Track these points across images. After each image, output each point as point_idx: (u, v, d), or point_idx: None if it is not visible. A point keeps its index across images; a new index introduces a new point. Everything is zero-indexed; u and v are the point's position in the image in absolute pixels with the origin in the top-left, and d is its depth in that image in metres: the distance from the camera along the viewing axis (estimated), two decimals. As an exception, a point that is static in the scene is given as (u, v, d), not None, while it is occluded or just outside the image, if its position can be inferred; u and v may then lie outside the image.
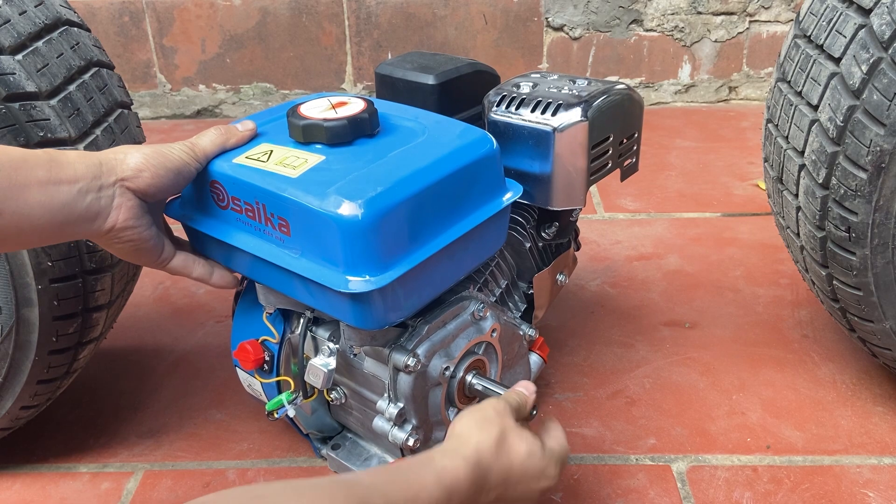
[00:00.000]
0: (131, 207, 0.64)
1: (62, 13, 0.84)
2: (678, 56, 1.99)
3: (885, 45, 0.70)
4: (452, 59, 0.87)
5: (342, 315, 0.66)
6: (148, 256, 0.68)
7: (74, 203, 0.61)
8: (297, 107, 0.71)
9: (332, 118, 0.68)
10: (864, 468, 0.85)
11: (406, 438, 0.72)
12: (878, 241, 0.76)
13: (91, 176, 0.62)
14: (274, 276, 0.68)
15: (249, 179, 0.66)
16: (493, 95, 0.82)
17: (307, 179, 0.64)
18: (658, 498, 0.82)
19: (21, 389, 0.81)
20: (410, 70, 0.84)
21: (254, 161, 0.68)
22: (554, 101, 0.79)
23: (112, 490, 0.87)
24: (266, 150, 0.69)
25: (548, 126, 0.78)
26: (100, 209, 0.62)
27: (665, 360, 1.04)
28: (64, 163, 0.61)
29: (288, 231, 0.65)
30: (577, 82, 0.83)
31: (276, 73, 2.04)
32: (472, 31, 1.98)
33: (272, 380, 0.79)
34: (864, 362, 1.02)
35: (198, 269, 0.72)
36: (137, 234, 0.65)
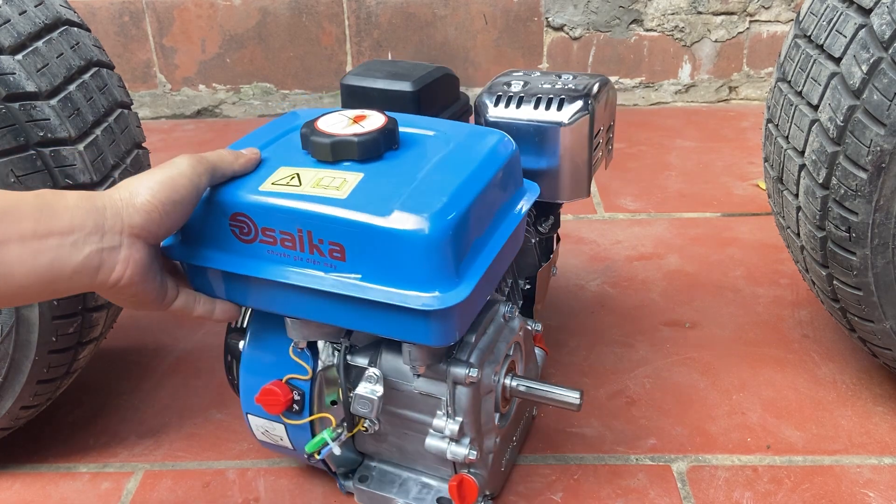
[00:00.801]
0: (140, 260, 0.57)
1: (62, 13, 0.84)
2: (678, 56, 1.99)
3: (886, 44, 0.70)
4: (416, 65, 0.86)
5: (414, 335, 0.62)
6: (152, 305, 0.62)
7: (67, 258, 0.53)
8: (312, 124, 0.67)
9: (361, 133, 0.65)
10: (865, 468, 0.85)
11: (467, 453, 0.70)
12: (878, 241, 0.76)
13: (91, 225, 0.54)
14: (318, 306, 0.64)
15: (290, 206, 0.61)
16: (486, 97, 0.82)
17: (360, 198, 0.60)
18: (658, 498, 0.82)
19: (21, 389, 0.81)
20: (383, 79, 0.82)
21: (285, 187, 0.62)
22: (555, 96, 0.79)
23: (112, 490, 0.87)
24: (290, 174, 0.64)
25: (555, 121, 0.79)
26: (101, 263, 0.55)
27: (665, 360, 1.04)
28: (58, 210, 0.53)
29: (342, 256, 0.61)
30: (562, 77, 0.84)
31: (276, 73, 2.04)
32: (472, 31, 1.98)
33: (305, 420, 0.74)
34: (864, 362, 1.02)
35: (199, 307, 0.66)
36: (144, 287, 0.59)
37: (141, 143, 0.95)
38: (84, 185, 0.76)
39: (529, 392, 0.74)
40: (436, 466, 0.77)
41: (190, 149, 1.86)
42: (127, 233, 0.56)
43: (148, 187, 0.57)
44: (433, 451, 0.71)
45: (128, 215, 0.56)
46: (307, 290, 0.62)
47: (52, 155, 0.74)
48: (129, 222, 0.56)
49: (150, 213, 0.56)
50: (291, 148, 0.69)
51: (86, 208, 0.54)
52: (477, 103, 0.83)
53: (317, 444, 0.71)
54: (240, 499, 0.84)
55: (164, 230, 0.58)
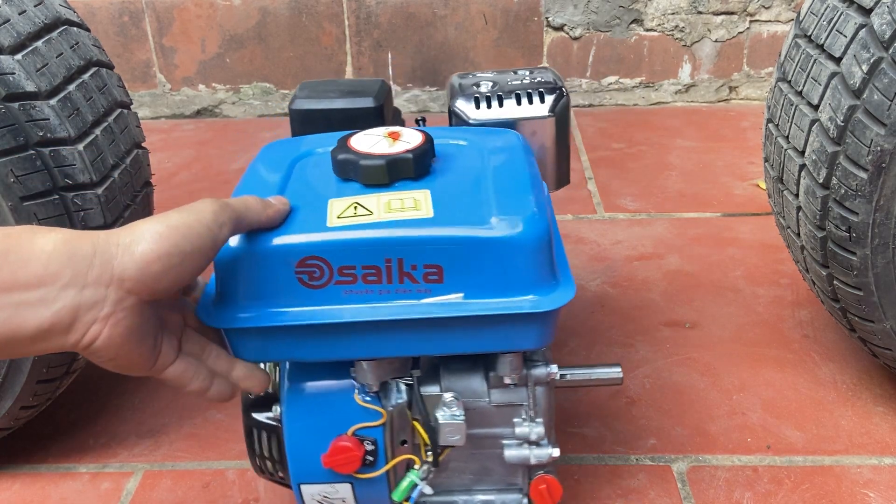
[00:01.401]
0: (125, 320, 0.47)
1: (62, 13, 0.84)
2: (678, 56, 1.99)
3: (886, 44, 0.70)
4: (357, 81, 0.85)
5: (520, 342, 0.61)
6: (136, 371, 0.52)
7: (29, 317, 0.44)
8: (346, 148, 0.63)
9: (412, 148, 0.62)
10: (865, 468, 0.85)
11: (551, 452, 0.68)
12: (878, 241, 0.76)
13: (69, 276, 0.45)
14: (409, 337, 0.60)
15: (375, 237, 0.56)
16: (462, 101, 0.80)
17: (449, 214, 0.58)
18: (658, 498, 0.82)
19: (21, 389, 0.81)
20: (339, 98, 0.81)
21: (356, 218, 0.58)
22: (533, 90, 0.80)
23: (112, 490, 0.87)
24: (349, 205, 0.59)
25: (540, 115, 0.80)
26: (74, 320, 0.45)
27: (665, 361, 1.04)
28: (30, 257, 0.44)
29: (440, 277, 0.57)
30: (518, 73, 0.85)
31: (276, 73, 2.04)
32: (472, 31, 1.98)
33: (383, 469, 0.67)
34: (864, 362, 1.02)
35: (196, 382, 0.56)
36: (127, 350, 0.49)
37: (140, 143, 0.95)
38: (84, 184, 0.76)
39: (574, 378, 0.72)
40: (504, 480, 0.73)
41: (189, 148, 1.86)
42: (116, 286, 0.46)
43: (155, 232, 0.47)
44: (515, 460, 0.68)
45: (120, 265, 0.46)
46: (397, 324, 0.58)
47: (51, 155, 0.74)
48: (119, 273, 0.46)
49: (149, 265, 0.47)
50: (316, 180, 0.64)
51: (66, 254, 0.45)
52: (453, 109, 0.81)
53: (406, 490, 0.67)
54: (239, 499, 0.84)
55: (164, 285, 0.48)
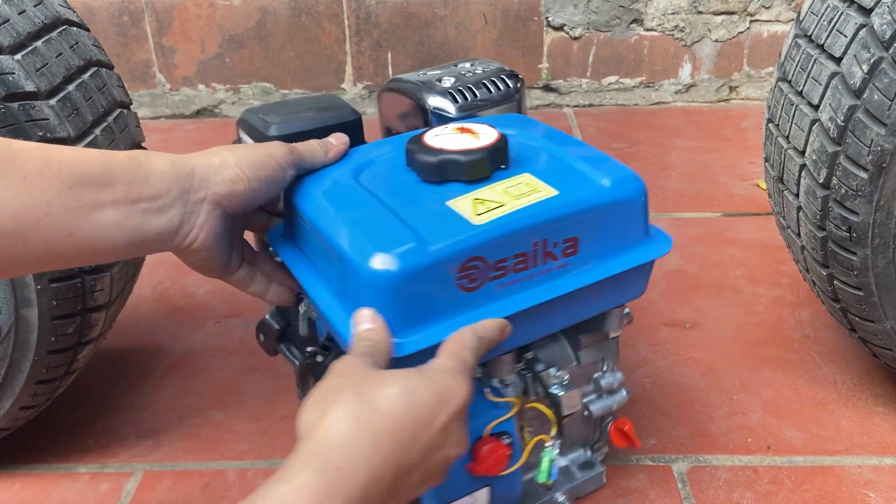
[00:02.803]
0: (214, 227, 0.59)
1: (61, 13, 0.84)
2: (678, 56, 1.99)
3: (886, 44, 0.70)
4: (311, 98, 0.81)
5: (632, 292, 0.67)
6: (216, 273, 0.64)
7: (153, 221, 0.56)
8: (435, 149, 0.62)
9: (497, 139, 0.63)
10: (865, 468, 0.85)
11: (626, 394, 0.76)
12: (879, 241, 0.76)
13: (179, 191, 0.56)
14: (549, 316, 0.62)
15: (523, 224, 0.58)
16: (439, 100, 0.78)
17: (566, 189, 0.61)
18: (658, 498, 0.82)
19: (20, 390, 0.80)
20: (318, 114, 0.76)
21: (494, 212, 0.59)
22: (495, 77, 0.82)
23: (111, 490, 0.87)
24: (474, 200, 0.60)
25: (510, 98, 0.83)
26: (181, 225, 0.57)
27: (665, 361, 1.03)
28: (150, 174, 0.56)
29: (576, 249, 0.61)
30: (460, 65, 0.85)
31: (276, 73, 2.04)
32: (472, 31, 1.98)
33: (523, 459, 0.67)
34: (864, 362, 1.01)
35: (254, 285, 0.67)
36: (211, 254, 0.61)
37: (140, 142, 0.95)
38: (83, 185, 0.76)
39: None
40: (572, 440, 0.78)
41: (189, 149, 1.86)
42: (210, 199, 0.58)
43: (238, 160, 0.59)
44: (601, 412, 0.74)
45: (214, 183, 0.58)
46: (550, 304, 0.60)
47: (51, 155, 0.74)
48: (213, 189, 0.58)
49: (235, 184, 0.58)
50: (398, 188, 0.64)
51: (174, 173, 0.56)
52: (430, 107, 0.79)
53: (548, 469, 0.68)
54: (239, 499, 0.84)
55: (244, 203, 0.60)
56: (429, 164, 0.62)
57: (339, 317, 0.58)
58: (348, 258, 0.57)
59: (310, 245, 0.64)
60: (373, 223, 0.59)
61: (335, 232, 0.59)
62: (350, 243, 0.57)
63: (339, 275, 0.59)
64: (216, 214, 0.59)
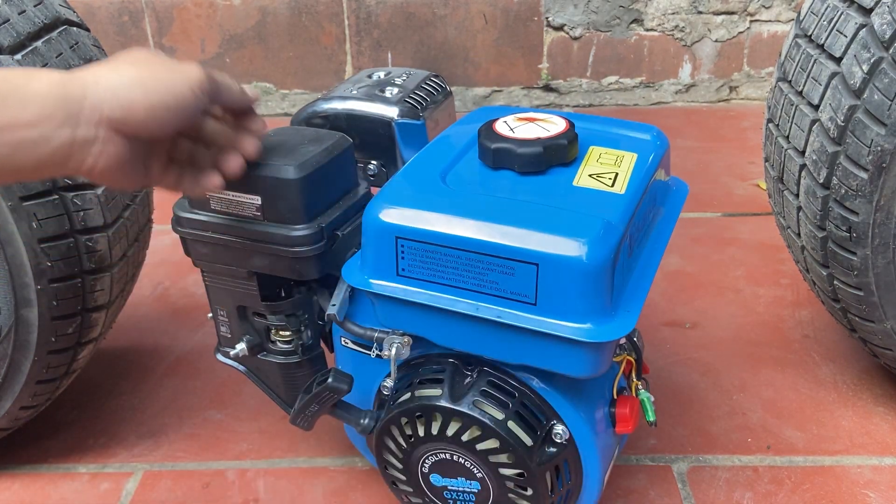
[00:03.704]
0: (115, 154, 0.52)
1: (61, 13, 0.84)
2: (678, 56, 1.99)
3: (886, 44, 0.70)
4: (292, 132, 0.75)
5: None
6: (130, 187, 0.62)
7: (31, 150, 0.49)
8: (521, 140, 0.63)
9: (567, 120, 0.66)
10: (865, 468, 0.85)
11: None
12: (878, 241, 0.76)
13: (62, 115, 0.49)
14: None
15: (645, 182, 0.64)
16: (401, 109, 0.76)
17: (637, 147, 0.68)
18: (658, 499, 0.82)
19: (20, 390, 0.80)
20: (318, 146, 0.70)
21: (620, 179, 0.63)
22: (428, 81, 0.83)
23: (111, 491, 0.87)
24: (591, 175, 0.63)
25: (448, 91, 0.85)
26: (70, 155, 0.50)
27: (666, 361, 1.03)
28: (25, 97, 0.48)
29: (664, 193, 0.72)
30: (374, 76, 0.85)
31: (276, 73, 2.04)
32: (472, 31, 1.98)
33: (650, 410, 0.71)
34: (864, 363, 1.01)
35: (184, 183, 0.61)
36: (119, 176, 0.54)
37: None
38: (83, 184, 0.76)
39: None
40: None
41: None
42: (105, 125, 0.51)
43: (142, 82, 0.52)
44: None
45: (109, 108, 0.50)
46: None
47: (51, 155, 0.74)
48: (108, 115, 0.50)
49: (134, 112, 0.51)
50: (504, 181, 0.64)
51: (57, 96, 0.49)
52: (394, 118, 0.77)
53: (651, 408, 0.69)
54: (239, 499, 0.84)
55: (148, 131, 0.53)
56: (531, 155, 0.62)
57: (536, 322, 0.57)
58: (549, 257, 0.55)
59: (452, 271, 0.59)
60: (539, 218, 0.57)
61: (509, 239, 0.56)
62: (540, 243, 0.56)
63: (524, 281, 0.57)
64: (115, 142, 0.52)
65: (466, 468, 0.65)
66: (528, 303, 0.57)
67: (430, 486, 0.68)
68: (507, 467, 0.63)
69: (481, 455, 0.63)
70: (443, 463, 0.66)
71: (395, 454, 0.68)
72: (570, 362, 0.59)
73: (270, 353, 0.76)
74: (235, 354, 0.75)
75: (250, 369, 0.79)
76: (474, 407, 0.62)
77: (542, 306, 0.57)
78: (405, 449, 0.67)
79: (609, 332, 0.56)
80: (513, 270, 0.57)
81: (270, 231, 0.66)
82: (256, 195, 0.65)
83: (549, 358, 0.59)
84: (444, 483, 0.67)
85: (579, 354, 0.58)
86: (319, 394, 0.66)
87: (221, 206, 0.67)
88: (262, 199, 0.65)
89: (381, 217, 0.60)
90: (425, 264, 0.60)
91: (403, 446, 0.67)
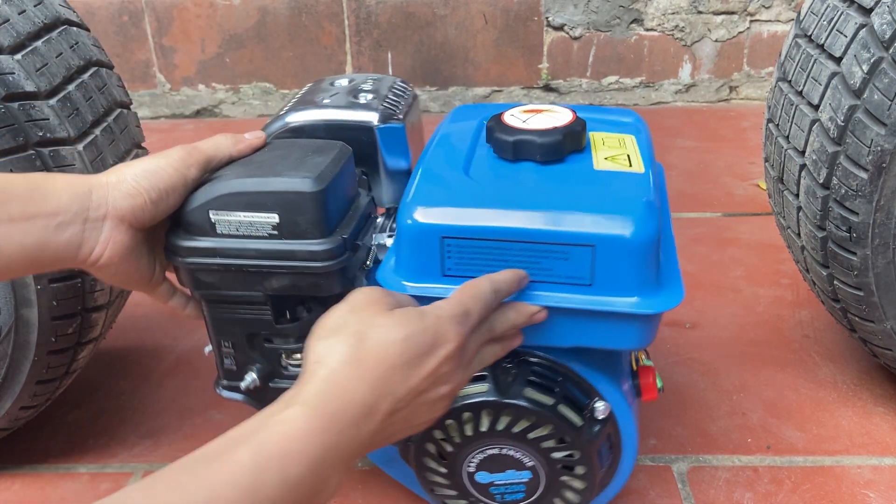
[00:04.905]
0: (121, 242, 0.59)
1: (61, 13, 0.84)
2: (678, 56, 1.99)
3: (886, 44, 0.70)
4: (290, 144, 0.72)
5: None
6: (136, 286, 0.65)
7: (52, 238, 0.56)
8: (539, 130, 0.64)
9: (571, 111, 0.68)
10: (865, 469, 0.85)
11: None
12: (879, 241, 0.76)
13: (77, 208, 0.57)
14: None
15: (651, 156, 0.67)
16: (381, 114, 0.74)
17: (630, 129, 0.71)
18: (658, 499, 0.82)
19: (20, 390, 0.80)
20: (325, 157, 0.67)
21: (634, 160, 0.65)
22: (394, 85, 0.81)
23: (111, 490, 0.86)
24: (606, 158, 0.65)
25: (414, 93, 0.83)
26: (82, 242, 0.58)
27: (665, 361, 1.03)
28: (47, 193, 0.57)
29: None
30: (337, 84, 0.81)
31: (276, 73, 2.04)
32: (472, 31, 1.98)
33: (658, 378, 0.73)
34: (864, 363, 1.01)
35: (175, 299, 0.69)
36: (124, 269, 0.61)
37: (140, 142, 0.95)
38: (83, 185, 0.76)
39: None
40: None
41: (190, 149, 1.86)
42: (111, 216, 0.58)
43: (134, 174, 0.59)
44: None
45: (113, 199, 0.58)
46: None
47: (51, 155, 0.74)
48: (113, 205, 0.58)
49: (134, 199, 0.58)
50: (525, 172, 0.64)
51: (72, 192, 0.57)
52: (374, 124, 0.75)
53: (657, 374, 0.71)
54: (239, 499, 0.84)
55: (149, 215, 0.60)
56: (552, 144, 0.63)
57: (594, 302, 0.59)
58: (605, 238, 0.57)
59: (502, 264, 0.60)
60: (586, 203, 0.59)
61: (563, 225, 0.58)
62: (595, 225, 0.57)
63: (579, 264, 0.58)
64: (121, 230, 0.59)
65: (516, 459, 0.65)
66: (584, 284, 0.59)
67: (475, 485, 0.68)
68: (559, 451, 0.64)
69: (533, 443, 0.64)
70: (490, 459, 0.66)
71: (438, 458, 0.67)
72: (625, 336, 0.61)
73: (283, 379, 0.72)
74: (247, 387, 0.71)
75: (259, 401, 0.73)
76: (524, 397, 0.63)
77: (598, 286, 0.58)
78: (450, 452, 0.66)
79: (664, 303, 0.59)
80: (567, 255, 0.58)
81: (291, 248, 0.62)
82: (273, 212, 0.62)
83: (605, 335, 0.61)
84: (492, 479, 0.67)
85: (634, 328, 0.60)
86: None
87: (230, 229, 0.63)
88: (279, 215, 0.62)
89: (422, 219, 0.59)
90: (474, 261, 0.60)
91: (449, 450, 0.66)
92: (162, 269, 0.67)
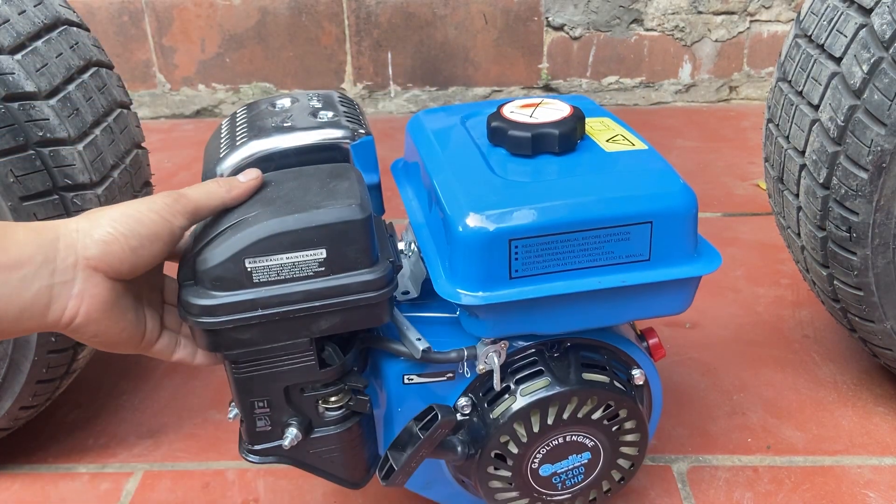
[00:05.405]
0: (97, 296, 0.51)
1: (61, 13, 0.84)
2: (679, 56, 1.99)
3: (886, 44, 0.70)
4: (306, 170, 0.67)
5: None
6: (125, 347, 0.56)
7: (14, 295, 0.48)
8: (524, 125, 0.65)
9: (569, 105, 0.70)
10: (865, 468, 0.85)
11: None
12: (878, 241, 0.76)
13: (42, 259, 0.49)
14: None
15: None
16: (349, 130, 0.72)
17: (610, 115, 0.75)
18: (658, 498, 0.82)
19: (20, 389, 0.80)
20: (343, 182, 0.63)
21: (635, 140, 0.69)
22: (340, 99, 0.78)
23: (111, 491, 0.87)
24: (608, 140, 0.69)
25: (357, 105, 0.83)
26: (51, 299, 0.49)
27: (666, 361, 1.03)
28: (6, 243, 0.48)
29: None
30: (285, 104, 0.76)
31: (276, 73, 2.04)
32: (472, 31, 1.98)
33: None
34: (864, 363, 1.01)
35: (179, 351, 0.60)
36: (107, 326, 0.53)
37: (140, 142, 0.95)
38: (83, 184, 0.76)
39: None
40: None
41: (189, 148, 1.86)
42: (82, 265, 0.50)
43: (111, 218, 0.52)
44: None
45: (83, 247, 0.50)
46: None
47: (51, 155, 0.74)
48: (84, 254, 0.50)
49: (108, 245, 0.51)
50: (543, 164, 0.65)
51: (38, 241, 0.49)
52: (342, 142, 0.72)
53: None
54: (239, 499, 0.84)
55: (128, 265, 0.52)
56: (567, 134, 0.66)
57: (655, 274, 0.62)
58: (661, 211, 0.61)
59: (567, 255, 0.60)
60: (630, 183, 0.62)
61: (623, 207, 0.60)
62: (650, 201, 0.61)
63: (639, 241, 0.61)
64: (95, 282, 0.51)
65: (577, 443, 0.67)
66: (642, 260, 0.62)
67: (538, 480, 0.69)
68: (619, 423, 0.67)
69: (596, 423, 0.66)
70: (552, 451, 0.67)
71: (505, 464, 0.67)
72: (675, 303, 0.65)
73: (323, 427, 0.65)
74: (291, 443, 0.63)
75: (298, 458, 0.66)
76: (583, 381, 0.65)
77: (655, 260, 0.62)
78: (516, 454, 0.66)
79: (711, 264, 0.64)
80: (628, 235, 0.60)
81: (343, 283, 0.57)
82: (320, 248, 0.56)
83: (658, 305, 0.64)
84: (554, 469, 0.68)
85: (684, 293, 0.65)
86: (431, 436, 0.61)
87: (269, 276, 0.56)
88: (327, 250, 0.56)
89: (485, 225, 0.58)
90: (540, 258, 0.60)
91: (514, 451, 0.66)
92: (157, 325, 0.58)
